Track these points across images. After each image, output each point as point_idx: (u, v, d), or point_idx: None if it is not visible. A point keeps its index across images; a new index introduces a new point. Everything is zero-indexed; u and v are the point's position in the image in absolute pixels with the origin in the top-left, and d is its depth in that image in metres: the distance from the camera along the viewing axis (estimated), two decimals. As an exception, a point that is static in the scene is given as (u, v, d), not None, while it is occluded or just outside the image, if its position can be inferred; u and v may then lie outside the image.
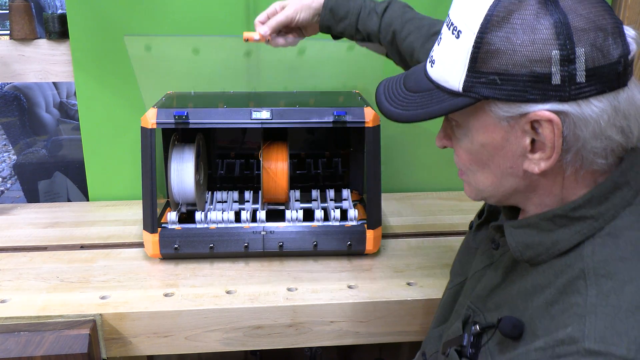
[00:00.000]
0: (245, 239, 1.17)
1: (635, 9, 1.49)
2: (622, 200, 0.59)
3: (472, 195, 0.70)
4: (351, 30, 1.00)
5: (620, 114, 0.56)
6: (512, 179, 0.63)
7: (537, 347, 0.56)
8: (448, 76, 0.60)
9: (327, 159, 1.46)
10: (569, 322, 0.54)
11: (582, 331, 0.52)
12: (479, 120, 0.61)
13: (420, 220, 1.41)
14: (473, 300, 0.72)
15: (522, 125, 0.58)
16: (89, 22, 1.42)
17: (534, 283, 0.61)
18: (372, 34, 1.00)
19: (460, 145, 0.66)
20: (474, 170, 0.66)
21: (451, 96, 0.60)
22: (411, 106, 0.64)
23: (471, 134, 0.63)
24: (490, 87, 0.57)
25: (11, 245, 1.27)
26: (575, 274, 0.57)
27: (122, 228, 1.36)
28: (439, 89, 0.62)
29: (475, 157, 0.64)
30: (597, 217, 0.59)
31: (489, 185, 0.65)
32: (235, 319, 1.03)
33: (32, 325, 0.97)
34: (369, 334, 1.07)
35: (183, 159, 1.20)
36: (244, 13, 1.45)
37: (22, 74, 1.47)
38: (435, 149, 0.80)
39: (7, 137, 1.53)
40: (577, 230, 0.59)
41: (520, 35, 0.54)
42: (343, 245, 1.18)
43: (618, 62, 0.55)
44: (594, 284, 0.55)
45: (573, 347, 0.52)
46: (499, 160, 0.62)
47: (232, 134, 1.44)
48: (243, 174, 1.43)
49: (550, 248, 0.61)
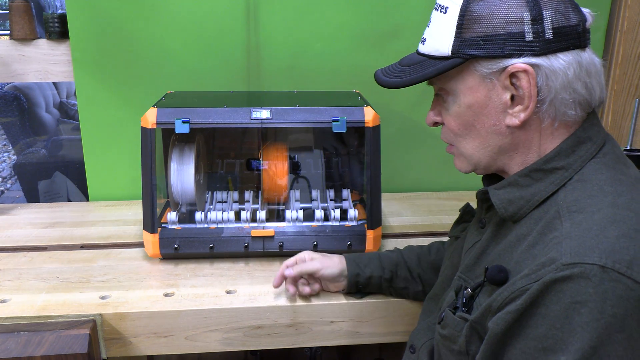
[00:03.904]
0: (245, 239, 1.17)
1: (635, 9, 1.49)
2: (586, 153, 0.69)
3: (463, 166, 0.79)
4: (378, 271, 1.03)
5: (584, 69, 0.68)
6: (496, 137, 0.72)
7: (522, 275, 0.63)
8: (438, 45, 0.72)
9: (327, 158, 1.46)
10: (549, 251, 0.62)
11: (559, 252, 0.60)
12: (465, 82, 0.71)
13: (420, 220, 1.41)
14: (463, 271, 0.79)
15: (502, 81, 0.68)
16: (89, 22, 1.42)
17: (517, 235, 0.70)
18: (399, 264, 1.04)
19: (449, 113, 0.75)
20: (462, 135, 0.75)
21: (442, 61, 0.71)
22: (405, 75, 0.75)
23: (459, 98, 0.73)
24: (475, 47, 0.68)
25: (11, 245, 1.27)
26: (551, 215, 0.66)
27: (122, 228, 1.36)
28: (430, 59, 0.73)
29: (462, 120, 0.74)
30: (567, 167, 0.69)
31: (476, 148, 0.74)
32: (235, 319, 1.03)
33: (32, 325, 0.97)
34: (369, 334, 1.08)
35: (183, 159, 1.20)
36: (244, 13, 1.45)
37: (22, 74, 1.47)
38: (435, 149, 0.84)
39: (7, 137, 1.53)
40: (551, 181, 0.69)
41: (497, 3, 0.67)
42: (343, 245, 1.18)
43: (577, 25, 0.68)
44: (567, 219, 0.64)
45: (552, 265, 0.60)
46: (484, 120, 0.72)
47: (232, 134, 1.44)
48: (243, 174, 1.43)
49: (529, 200, 0.70)
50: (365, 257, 1.05)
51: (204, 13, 1.44)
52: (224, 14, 1.45)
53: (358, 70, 1.52)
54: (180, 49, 1.46)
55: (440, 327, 0.76)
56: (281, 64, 1.50)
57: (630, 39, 1.51)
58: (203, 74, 1.49)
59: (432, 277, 1.01)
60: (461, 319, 0.71)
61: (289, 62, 1.50)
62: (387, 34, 1.50)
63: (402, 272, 1.03)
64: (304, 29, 1.48)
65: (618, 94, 1.55)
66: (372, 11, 1.48)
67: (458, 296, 0.76)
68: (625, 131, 1.59)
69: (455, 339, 0.72)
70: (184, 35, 1.45)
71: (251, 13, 1.45)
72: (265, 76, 1.51)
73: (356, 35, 1.50)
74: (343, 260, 1.04)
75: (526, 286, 0.61)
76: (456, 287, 0.78)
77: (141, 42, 1.45)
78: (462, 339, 0.70)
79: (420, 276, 1.03)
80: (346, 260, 1.04)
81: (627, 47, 1.52)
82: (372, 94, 1.45)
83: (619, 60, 1.53)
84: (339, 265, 1.03)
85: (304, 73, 1.51)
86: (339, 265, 1.03)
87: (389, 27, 1.50)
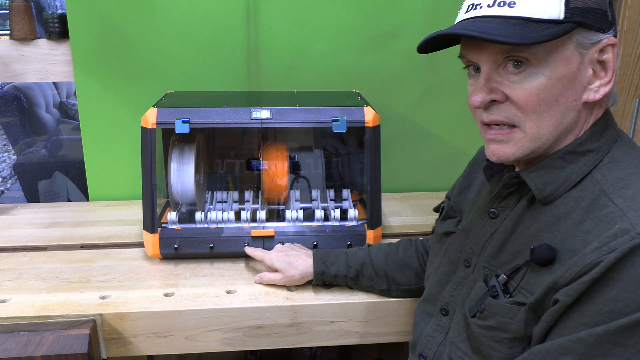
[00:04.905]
0: (245, 239, 1.17)
1: (635, 9, 1.49)
2: (611, 137, 0.73)
3: (513, 152, 0.73)
4: (344, 270, 1.06)
5: None
6: (573, 113, 0.71)
7: (592, 248, 0.64)
8: (545, 8, 0.67)
9: (327, 158, 1.46)
10: (612, 224, 0.64)
11: (629, 223, 0.63)
12: (561, 52, 0.69)
13: (420, 220, 1.41)
14: (487, 260, 0.78)
15: (591, 55, 0.69)
16: (89, 22, 1.42)
17: (556, 215, 0.71)
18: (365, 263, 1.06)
19: (527, 87, 0.69)
20: (539, 113, 0.70)
21: (553, 25, 0.67)
22: (517, 35, 0.66)
23: (550, 69, 0.69)
24: (583, 16, 0.68)
25: (11, 245, 1.27)
26: (596, 193, 0.69)
27: (122, 228, 1.36)
28: (533, 22, 0.67)
29: (548, 93, 0.69)
30: (597, 150, 0.72)
31: (551, 126, 0.71)
32: (235, 319, 1.03)
33: (32, 325, 0.97)
34: (369, 334, 1.08)
35: (183, 159, 1.20)
36: (244, 13, 1.45)
37: (22, 74, 1.47)
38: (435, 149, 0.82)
39: (7, 137, 1.53)
40: (584, 163, 0.72)
41: None
42: (343, 245, 1.18)
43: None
44: (616, 195, 0.67)
45: (627, 235, 0.62)
46: (569, 93, 0.70)
47: (232, 134, 1.44)
48: (243, 174, 1.43)
49: (565, 180, 0.72)
50: (333, 255, 1.07)
51: (204, 13, 1.44)
52: (224, 14, 1.45)
53: (358, 70, 1.52)
54: (180, 49, 1.46)
55: (481, 319, 0.74)
56: (281, 64, 1.50)
57: (630, 39, 1.51)
58: (203, 74, 1.49)
59: (399, 275, 1.05)
60: (515, 304, 0.70)
61: (289, 62, 1.50)
62: (387, 34, 1.50)
63: (367, 271, 1.05)
64: (304, 29, 1.48)
65: (618, 94, 1.55)
66: (372, 11, 1.48)
67: (489, 285, 0.75)
68: (625, 131, 1.58)
69: (507, 327, 0.71)
70: (184, 35, 1.45)
71: (251, 13, 1.45)
72: (265, 76, 1.51)
73: (356, 35, 1.50)
74: (310, 259, 1.07)
75: (600, 258, 0.62)
76: (482, 277, 0.77)
77: (141, 42, 1.45)
78: (517, 324, 0.70)
79: (386, 274, 1.05)
80: (314, 257, 1.07)
81: (627, 47, 1.52)
82: (372, 94, 1.46)
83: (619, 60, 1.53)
84: (302, 268, 1.06)
85: (304, 73, 1.51)
86: (303, 266, 1.06)
87: (389, 27, 1.50)
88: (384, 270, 1.05)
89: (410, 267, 1.04)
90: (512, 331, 0.70)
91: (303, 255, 1.08)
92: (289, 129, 1.33)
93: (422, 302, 0.92)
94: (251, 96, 1.38)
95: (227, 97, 1.32)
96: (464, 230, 0.86)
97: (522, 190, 0.77)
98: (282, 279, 1.07)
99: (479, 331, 0.74)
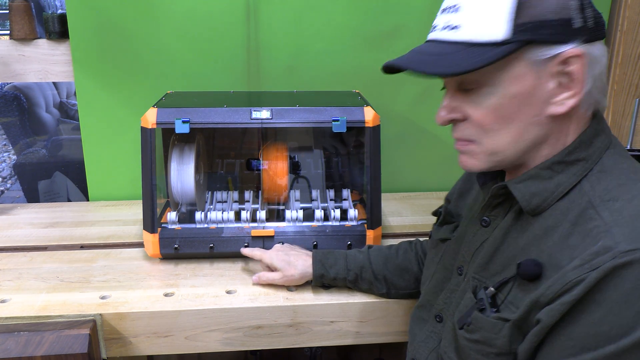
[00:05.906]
0: (245, 239, 1.17)
1: (635, 9, 1.49)
2: (602, 145, 0.70)
3: (478, 165, 0.73)
4: (343, 273, 1.06)
5: (607, 59, 0.69)
6: (535, 128, 0.69)
7: (574, 266, 0.62)
8: (486, 30, 0.66)
9: (327, 158, 1.46)
10: (596, 240, 0.62)
11: (612, 240, 0.61)
12: (510, 71, 0.67)
13: (420, 220, 1.41)
14: (476, 271, 0.76)
15: (550, 69, 0.66)
16: (89, 22, 1.42)
17: (544, 227, 0.69)
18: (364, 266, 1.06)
19: (481, 107, 0.70)
20: (496, 130, 0.70)
21: (492, 47, 0.66)
22: (447, 65, 0.67)
23: (501, 88, 0.68)
24: (531, 33, 0.65)
25: (11, 245, 1.27)
26: (583, 206, 0.66)
27: (122, 228, 1.36)
28: (472, 46, 0.67)
29: (502, 112, 0.69)
30: (587, 158, 0.69)
31: (508, 143, 0.70)
32: (235, 319, 1.03)
33: (32, 325, 0.97)
34: (369, 334, 1.08)
35: (183, 159, 1.20)
36: (244, 13, 1.46)
37: (22, 74, 1.47)
38: (435, 149, 0.81)
39: (7, 137, 1.53)
40: (573, 173, 0.69)
41: None
42: (343, 245, 1.18)
43: (602, 16, 0.69)
44: (604, 208, 0.65)
45: (609, 253, 0.60)
46: (527, 110, 0.68)
47: (232, 134, 1.44)
48: (243, 174, 1.43)
49: (553, 191, 0.69)
50: (332, 258, 1.07)
51: (204, 13, 1.44)
52: (224, 14, 1.45)
53: (358, 70, 1.52)
54: (180, 49, 1.46)
55: (467, 332, 0.73)
56: (281, 64, 1.50)
57: (630, 39, 1.51)
58: (203, 74, 1.49)
59: (399, 280, 1.04)
60: (499, 320, 0.69)
61: (289, 62, 1.50)
62: (387, 34, 1.50)
63: (366, 274, 1.05)
64: (304, 29, 1.48)
65: (618, 94, 1.55)
66: (372, 11, 1.48)
67: (477, 296, 0.74)
68: (625, 131, 1.59)
69: (492, 342, 0.70)
70: (184, 35, 1.46)
71: (251, 13, 1.45)
72: (265, 76, 1.51)
73: (356, 35, 1.50)
74: (309, 260, 1.07)
75: (581, 276, 0.61)
76: (472, 287, 0.76)
77: (141, 42, 1.45)
78: (502, 340, 0.68)
79: (385, 278, 1.05)
80: (313, 259, 1.06)
81: (627, 47, 1.52)
82: (372, 94, 1.46)
83: (619, 60, 1.53)
84: (302, 268, 1.06)
85: (304, 73, 1.51)
86: (302, 267, 1.06)
87: (389, 27, 1.50)
88: (383, 275, 1.04)
89: (410, 272, 1.04)
90: (497, 346, 0.69)
91: (303, 255, 1.08)
92: (289, 129, 1.33)
93: (418, 308, 0.91)
94: (251, 96, 1.38)
95: (227, 97, 1.32)
96: (459, 237, 0.85)
97: (511, 200, 0.75)
98: (282, 278, 1.07)
99: (466, 344, 0.74)
